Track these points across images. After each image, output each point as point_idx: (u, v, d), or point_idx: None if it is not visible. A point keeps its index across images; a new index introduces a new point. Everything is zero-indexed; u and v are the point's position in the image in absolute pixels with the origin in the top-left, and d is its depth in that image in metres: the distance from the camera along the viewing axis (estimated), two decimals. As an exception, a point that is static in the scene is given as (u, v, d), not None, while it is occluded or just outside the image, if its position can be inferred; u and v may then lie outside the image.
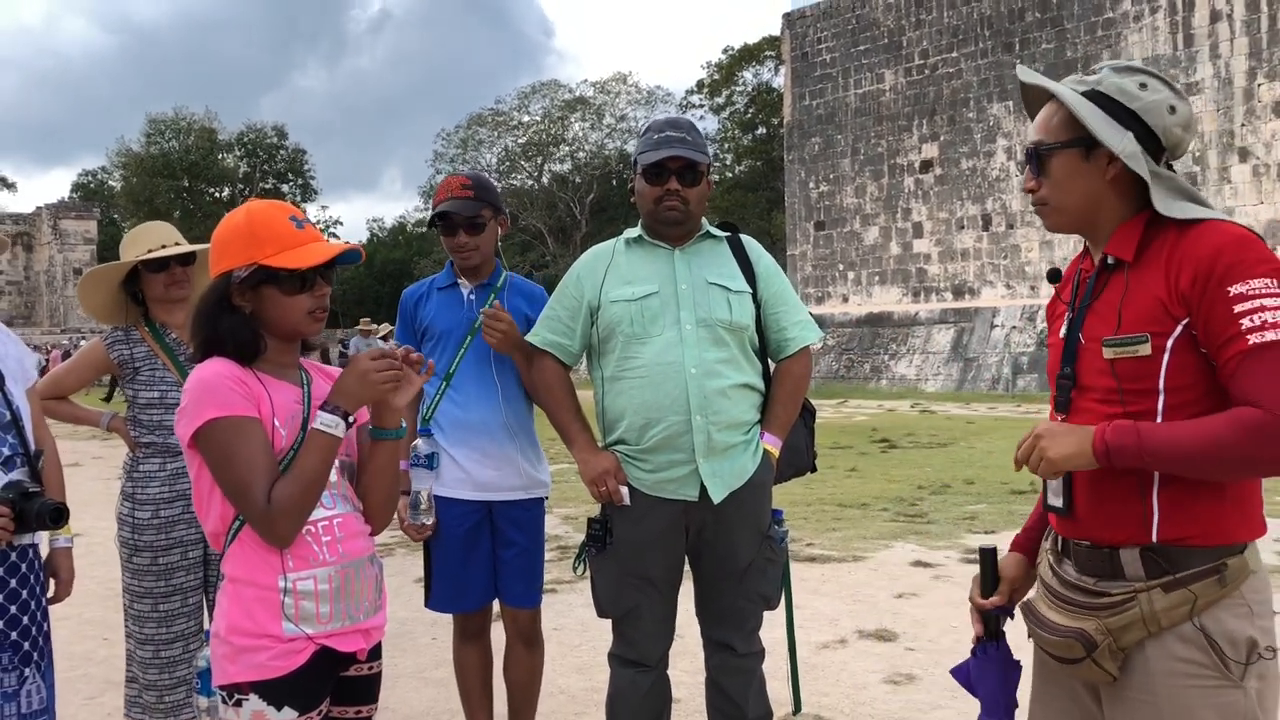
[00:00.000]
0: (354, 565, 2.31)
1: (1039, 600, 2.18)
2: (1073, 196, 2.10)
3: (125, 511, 3.75)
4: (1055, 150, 2.09)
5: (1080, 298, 2.14)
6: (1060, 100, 2.09)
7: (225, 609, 2.23)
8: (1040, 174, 2.12)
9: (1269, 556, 7.27)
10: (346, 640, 2.29)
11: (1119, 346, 1.99)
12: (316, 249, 2.29)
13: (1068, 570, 2.13)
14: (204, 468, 2.23)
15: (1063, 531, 2.15)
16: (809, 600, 6.43)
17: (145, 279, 3.79)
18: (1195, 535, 1.97)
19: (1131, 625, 1.98)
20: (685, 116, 3.51)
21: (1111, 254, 2.08)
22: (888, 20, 30.76)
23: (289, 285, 2.28)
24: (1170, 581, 1.97)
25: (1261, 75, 23.60)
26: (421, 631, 5.94)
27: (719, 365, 3.24)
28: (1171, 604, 1.96)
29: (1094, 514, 2.05)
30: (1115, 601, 2.00)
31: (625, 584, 3.30)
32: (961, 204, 28.90)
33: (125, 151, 58.71)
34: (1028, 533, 2.37)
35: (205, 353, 2.30)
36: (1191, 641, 1.95)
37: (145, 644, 3.70)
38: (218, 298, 2.29)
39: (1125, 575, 2.01)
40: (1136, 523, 2.00)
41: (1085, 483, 2.06)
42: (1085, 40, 26.44)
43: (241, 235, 2.28)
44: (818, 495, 10.50)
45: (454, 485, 3.71)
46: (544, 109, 57.32)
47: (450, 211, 3.71)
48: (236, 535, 2.24)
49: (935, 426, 17.95)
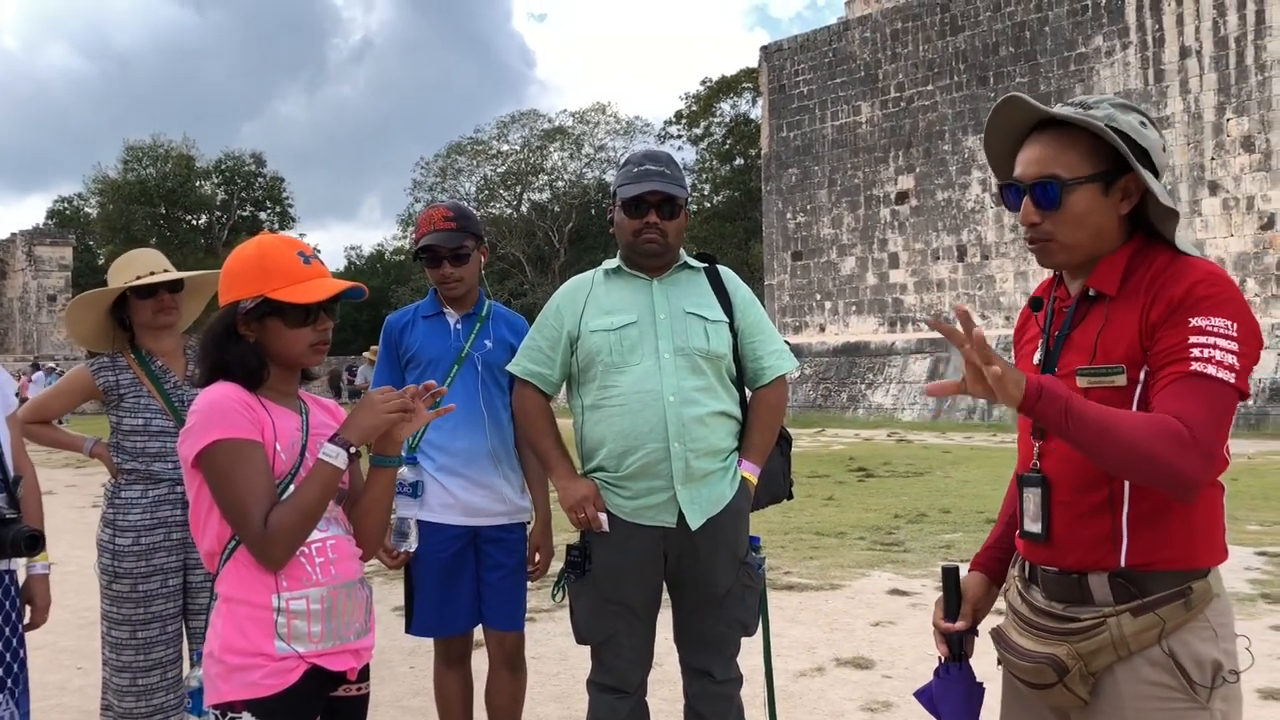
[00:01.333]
0: (345, 587, 2.36)
1: (1009, 626, 2.19)
2: (1087, 232, 2.06)
3: (106, 538, 3.75)
4: (1078, 185, 2.04)
5: (1058, 327, 2.14)
6: (1087, 131, 2.04)
7: (219, 628, 2.27)
8: (1051, 208, 2.05)
9: (1240, 583, 7.36)
10: (337, 660, 2.33)
11: (1094, 376, 2.01)
12: (321, 285, 2.37)
13: (1036, 596, 2.15)
14: (204, 487, 2.28)
15: (1031, 557, 2.16)
16: (786, 628, 6.46)
17: (133, 305, 3.81)
18: (1162, 560, 2.00)
19: (1102, 650, 2.00)
20: (664, 150, 3.57)
21: (1095, 287, 2.08)
22: (864, 53, 31.12)
23: (293, 318, 2.36)
24: (1138, 606, 1.99)
25: (1230, 110, 24.00)
26: (399, 660, 5.92)
27: (697, 393, 3.29)
28: (1140, 628, 1.99)
29: (1067, 540, 2.07)
30: (1085, 626, 2.03)
31: (604, 610, 3.32)
32: (937, 235, 29.17)
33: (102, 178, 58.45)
34: (988, 551, 2.38)
35: (212, 377, 2.37)
36: (1160, 665, 1.98)
37: (122, 671, 3.69)
38: (225, 326, 2.37)
39: (1094, 600, 2.04)
40: (1106, 547, 2.02)
41: (1064, 508, 2.08)
42: (1058, 75, 26.82)
43: (251, 268, 2.37)
44: (795, 524, 10.53)
45: (441, 511, 3.74)
46: (523, 138, 57.58)
47: (435, 244, 3.76)
48: (231, 555, 2.29)
49: (912, 455, 18.03)
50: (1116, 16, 25.89)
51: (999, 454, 17.28)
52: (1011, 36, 27.82)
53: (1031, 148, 2.10)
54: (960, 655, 2.29)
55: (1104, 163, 2.04)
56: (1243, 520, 10.15)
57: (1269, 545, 8.88)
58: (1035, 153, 2.08)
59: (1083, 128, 2.05)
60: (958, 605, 2.31)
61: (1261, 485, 12.87)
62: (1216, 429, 1.88)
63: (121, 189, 56.70)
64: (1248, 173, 23.76)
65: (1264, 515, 10.54)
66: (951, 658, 2.29)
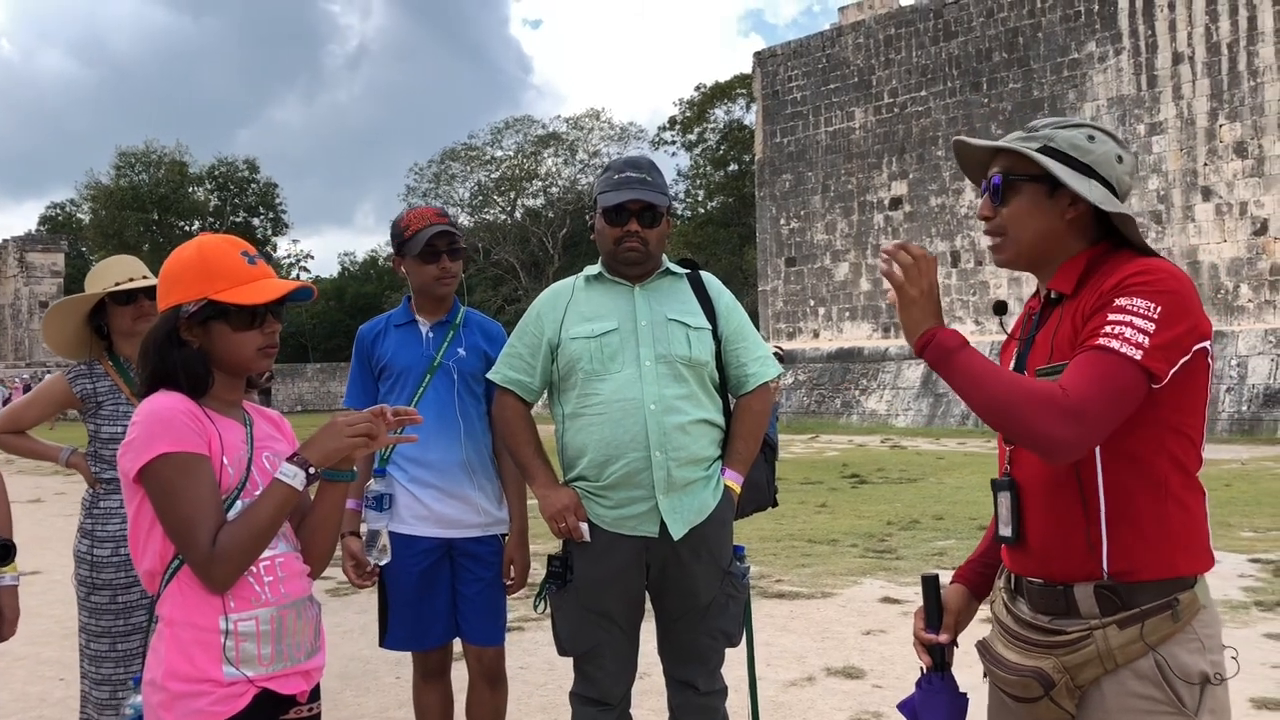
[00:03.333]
0: (295, 606, 2.27)
1: (994, 639, 2.18)
2: (1029, 232, 2.13)
3: (84, 549, 3.69)
4: (1023, 181, 2.12)
5: (1027, 331, 2.20)
6: (1022, 156, 2.13)
7: (162, 653, 2.15)
8: (1000, 203, 2.15)
9: (1233, 590, 7.32)
10: (287, 682, 2.24)
11: (1048, 375, 2.01)
12: (268, 285, 2.27)
13: (1022, 609, 2.14)
14: (145, 504, 2.17)
15: (1015, 568, 2.16)
16: (777, 637, 6.41)
17: (112, 312, 3.76)
18: (1144, 567, 1.99)
19: (1088, 663, 1.99)
20: (645, 155, 3.51)
21: (1054, 288, 2.13)
22: (857, 59, 31.15)
23: (239, 321, 2.26)
24: (1125, 618, 1.98)
25: (1223, 116, 24.04)
26: (385, 670, 5.87)
27: (678, 401, 3.24)
28: (1126, 640, 1.97)
29: (1044, 545, 2.07)
30: (1071, 639, 2.01)
31: (586, 621, 3.27)
32: (930, 241, 29.18)
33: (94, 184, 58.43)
34: (971, 565, 2.38)
35: (152, 387, 2.26)
36: (1147, 677, 1.96)
37: (101, 685, 3.63)
38: (167, 331, 2.26)
39: (1080, 613, 2.02)
40: (1085, 554, 2.01)
41: (1036, 511, 2.08)
42: (1051, 80, 26.86)
43: (192, 269, 2.26)
44: (787, 531, 10.49)
45: (415, 523, 3.68)
46: (517, 144, 57.64)
47: (437, 236, 3.68)
48: (174, 575, 2.17)
49: (905, 462, 18.00)
50: (1109, 22, 25.93)
51: (993, 460, 17.18)
52: (1004, 42, 27.85)
53: (1000, 155, 2.20)
54: (943, 665, 2.27)
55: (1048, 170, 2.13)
56: (1236, 527, 10.13)
57: (1262, 552, 8.85)
58: (1001, 158, 2.19)
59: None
60: (939, 615, 2.30)
61: (1255, 491, 12.85)
62: (1098, 397, 1.89)
63: (114, 195, 56.67)
64: (1240, 178, 23.80)
65: (1257, 521, 10.52)
66: (934, 668, 2.27)
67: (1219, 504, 11.39)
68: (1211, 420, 21.37)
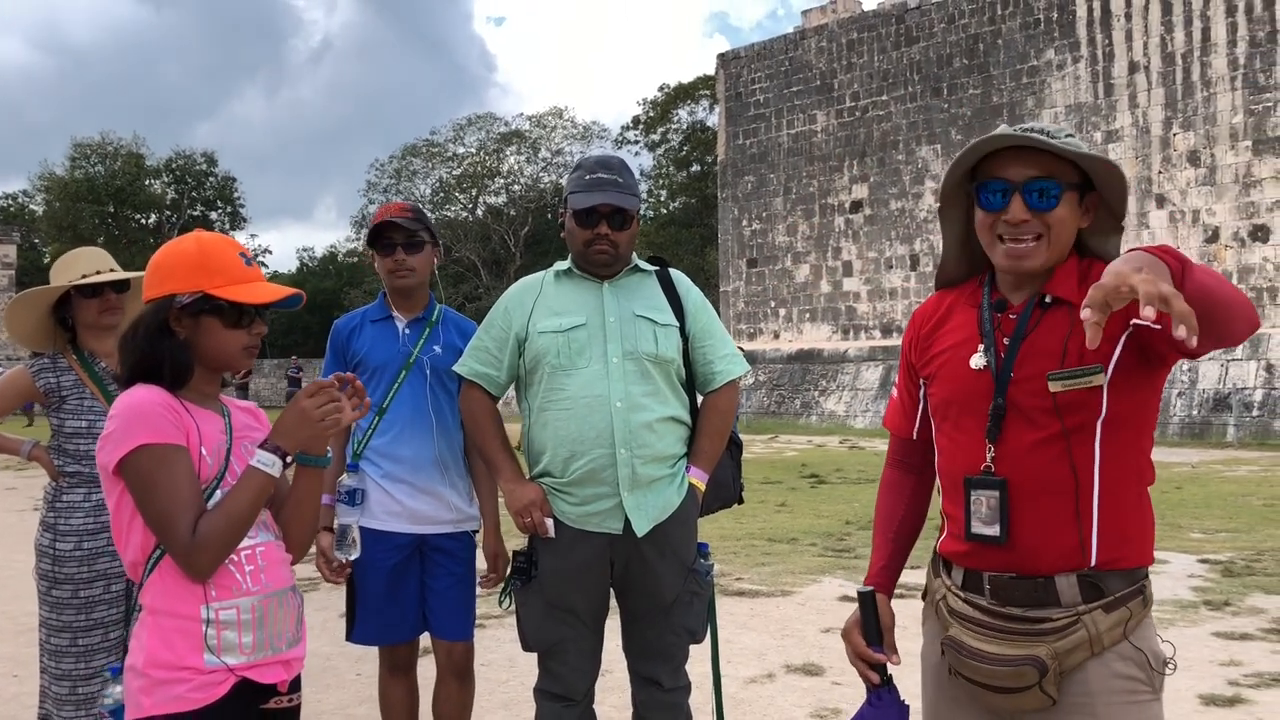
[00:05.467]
0: (276, 595, 2.30)
1: (960, 634, 2.16)
2: (1065, 237, 2.12)
3: (46, 543, 3.66)
4: (1070, 189, 2.10)
5: (1009, 332, 2.14)
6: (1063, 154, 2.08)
7: (144, 640, 2.19)
8: (1046, 208, 2.09)
9: (1182, 590, 7.48)
10: (267, 671, 2.27)
11: (1069, 379, 2.02)
12: (264, 288, 2.33)
13: (979, 600, 2.14)
14: (125, 495, 2.20)
15: (983, 564, 2.13)
16: (737, 635, 6.46)
17: (77, 304, 3.73)
18: (1125, 557, 2.07)
19: (1078, 647, 2.04)
20: (617, 155, 3.53)
21: (1054, 293, 2.12)
22: (820, 63, 31.33)
23: (230, 318, 2.30)
24: (1110, 602, 2.05)
25: (1177, 125, 24.43)
26: (346, 667, 5.85)
27: (645, 399, 3.27)
28: (1112, 624, 2.04)
29: (1033, 541, 2.07)
30: (1060, 626, 2.05)
31: (550, 617, 3.29)
32: (890, 244, 29.41)
33: (48, 175, 57.51)
34: (884, 570, 2.37)
35: (134, 375, 2.29)
36: (1130, 659, 2.05)
37: (62, 680, 3.60)
38: (159, 320, 2.28)
39: (1061, 602, 2.06)
40: (1074, 546, 2.05)
41: (1026, 509, 2.07)
42: (1010, 87, 27.16)
43: (190, 262, 2.30)
44: (747, 530, 10.56)
45: (386, 518, 3.69)
46: (479, 141, 57.35)
47: (390, 227, 3.71)
48: (156, 565, 2.21)
49: (863, 462, 18.14)
50: (1068, 31, 26.27)
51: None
52: (965, 49, 28.14)
53: (1015, 158, 2.10)
54: (887, 679, 2.29)
55: (1078, 179, 2.11)
56: (1185, 528, 10.32)
57: (1210, 553, 9.03)
58: (1024, 160, 2.09)
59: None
60: (878, 630, 2.30)
61: (1204, 494, 13.09)
62: None
63: (68, 186, 55.79)
64: (1193, 186, 24.20)
65: (1206, 523, 10.72)
66: (881, 683, 2.28)
67: (1170, 506, 11.58)
68: (1162, 424, 21.72)
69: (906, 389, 2.42)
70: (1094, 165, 2.10)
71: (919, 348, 2.35)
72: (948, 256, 2.34)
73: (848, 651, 2.34)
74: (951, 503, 2.20)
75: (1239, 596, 7.35)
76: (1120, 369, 2.03)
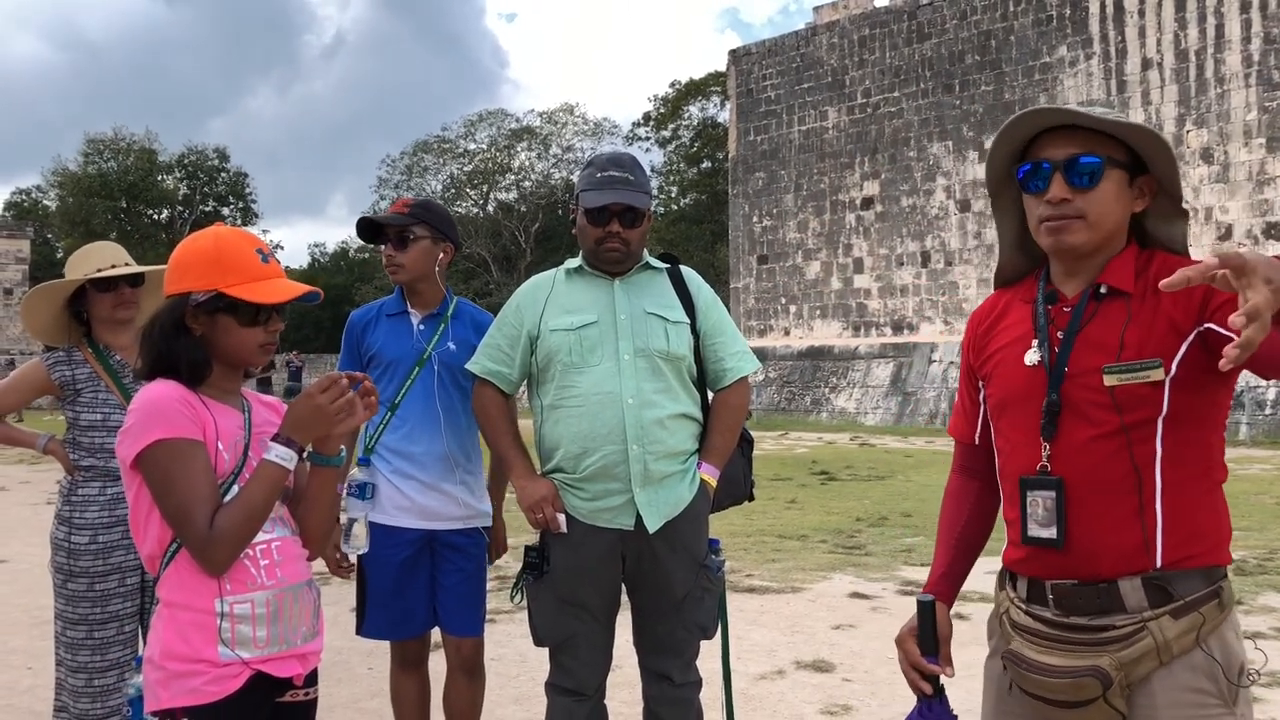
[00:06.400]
0: (292, 590, 2.31)
1: (1022, 646, 2.07)
2: (1113, 217, 2.03)
3: (61, 536, 3.68)
4: (1115, 166, 2.01)
5: (1063, 326, 2.07)
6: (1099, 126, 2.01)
7: (160, 633, 2.21)
8: (1087, 185, 2.00)
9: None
10: (283, 665, 2.28)
11: (1126, 373, 1.95)
12: (280, 285, 2.32)
13: (1043, 613, 2.05)
14: (143, 489, 2.22)
15: (1043, 571, 2.05)
16: (747, 631, 6.47)
17: (92, 298, 3.75)
18: (1197, 554, 1.95)
19: (1144, 656, 1.93)
20: (628, 153, 3.54)
21: (1109, 283, 2.04)
22: (831, 59, 31.27)
23: (246, 317, 2.30)
24: (1179, 606, 1.93)
25: (1190, 122, 24.34)
26: (358, 661, 5.88)
27: (656, 395, 3.28)
28: (1182, 630, 1.92)
29: (1092, 543, 1.98)
30: (1125, 634, 1.94)
31: (562, 612, 3.31)
32: (901, 241, 29.36)
33: (61, 170, 57.71)
34: (944, 578, 2.29)
35: (153, 370, 2.31)
36: (1200, 669, 1.92)
37: (78, 672, 3.63)
38: (175, 318, 2.30)
39: (1126, 608, 1.95)
40: (1138, 548, 1.95)
41: (1086, 509, 1.99)
42: (1023, 84, 27.09)
43: (207, 260, 2.30)
44: (757, 526, 10.57)
45: (396, 513, 3.70)
46: (490, 137, 57.39)
47: (380, 222, 3.74)
48: (173, 559, 2.22)
49: (874, 459, 18.14)
50: (1080, 27, 26.18)
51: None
52: (977, 45, 28.06)
53: (1057, 138, 2.04)
54: (940, 690, 2.20)
55: (1129, 159, 2.04)
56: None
57: (1223, 551, 9.00)
58: (1066, 140, 2.03)
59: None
60: (935, 640, 2.21)
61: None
62: None
63: (81, 182, 55.97)
64: (1207, 184, 24.11)
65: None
66: (934, 694, 2.20)
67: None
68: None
69: (967, 392, 2.33)
70: (1132, 135, 2.01)
71: (976, 348, 2.26)
72: (1004, 253, 2.25)
73: (900, 659, 2.25)
74: (1011, 506, 2.12)
75: (1251, 595, 7.33)
76: (1186, 365, 1.94)
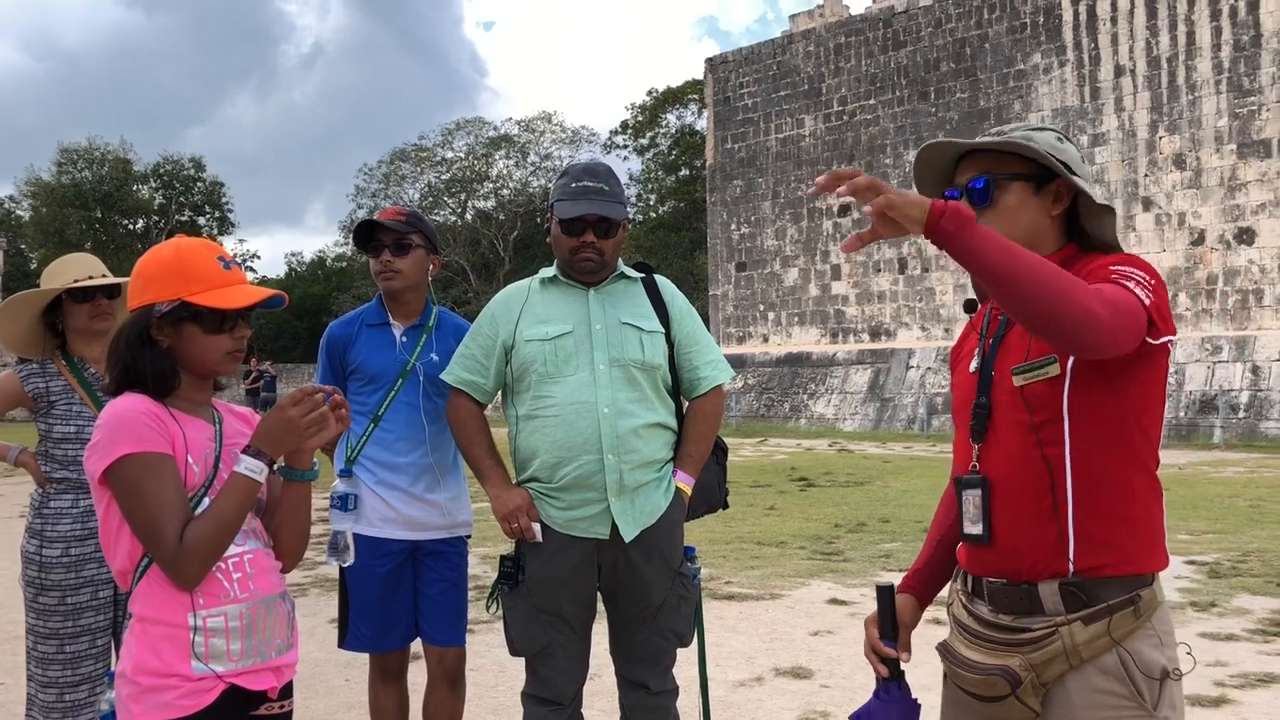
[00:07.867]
0: (265, 602, 2.29)
1: (955, 640, 2.20)
2: (1019, 228, 2.11)
3: (32, 549, 3.65)
4: (1010, 180, 2.13)
5: (993, 332, 2.18)
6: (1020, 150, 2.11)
7: (132, 648, 2.20)
8: (984, 203, 2.13)
9: (1170, 592, 7.51)
10: (257, 679, 2.27)
11: (1028, 371, 2.04)
12: (242, 291, 2.31)
13: (981, 609, 2.16)
14: (113, 504, 2.20)
15: (976, 568, 2.16)
16: (726, 638, 6.47)
17: (68, 309, 3.73)
18: (1109, 564, 2.02)
19: (1054, 659, 2.02)
20: (603, 162, 3.54)
21: None
22: (808, 67, 31.40)
23: (210, 324, 2.29)
24: (1090, 614, 2.01)
25: (1162, 129, 24.55)
26: (334, 673, 5.85)
27: (631, 405, 3.28)
28: (1091, 636, 2.00)
29: (1013, 542, 2.08)
30: (1037, 637, 2.04)
31: (538, 622, 3.31)
32: (878, 247, 29.46)
33: (34, 180, 57.26)
34: (917, 574, 2.39)
35: (120, 384, 2.29)
36: (1111, 673, 2.00)
37: (48, 687, 3.60)
38: (139, 330, 2.28)
39: (1044, 610, 2.05)
40: (1053, 551, 2.04)
41: (1005, 508, 2.09)
42: (998, 91, 27.26)
43: (169, 270, 2.29)
44: (736, 533, 10.57)
45: (382, 525, 3.69)
46: (468, 145, 57.31)
47: (379, 227, 3.70)
48: (145, 573, 2.21)
49: (852, 465, 18.18)
50: (1054, 35, 26.39)
51: (938, 464, 17.48)
52: (952, 53, 28.24)
53: (968, 163, 2.20)
54: (899, 674, 2.28)
55: (1033, 169, 2.14)
56: (1173, 530, 10.36)
57: (1198, 554, 9.08)
58: (974, 163, 2.18)
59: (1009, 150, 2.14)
60: (894, 625, 2.30)
61: (1191, 495, 13.15)
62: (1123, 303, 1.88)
63: (55, 192, 55.53)
64: (1179, 189, 24.32)
65: (1193, 525, 10.77)
66: (890, 678, 2.27)
67: (1156, 508, 11.62)
68: (1150, 426, 21.76)
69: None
70: (1009, 149, 2.14)
71: (955, 354, 2.37)
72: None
73: (864, 642, 2.35)
74: (955, 505, 2.22)
75: (1225, 597, 7.39)
76: (1078, 363, 2.01)
